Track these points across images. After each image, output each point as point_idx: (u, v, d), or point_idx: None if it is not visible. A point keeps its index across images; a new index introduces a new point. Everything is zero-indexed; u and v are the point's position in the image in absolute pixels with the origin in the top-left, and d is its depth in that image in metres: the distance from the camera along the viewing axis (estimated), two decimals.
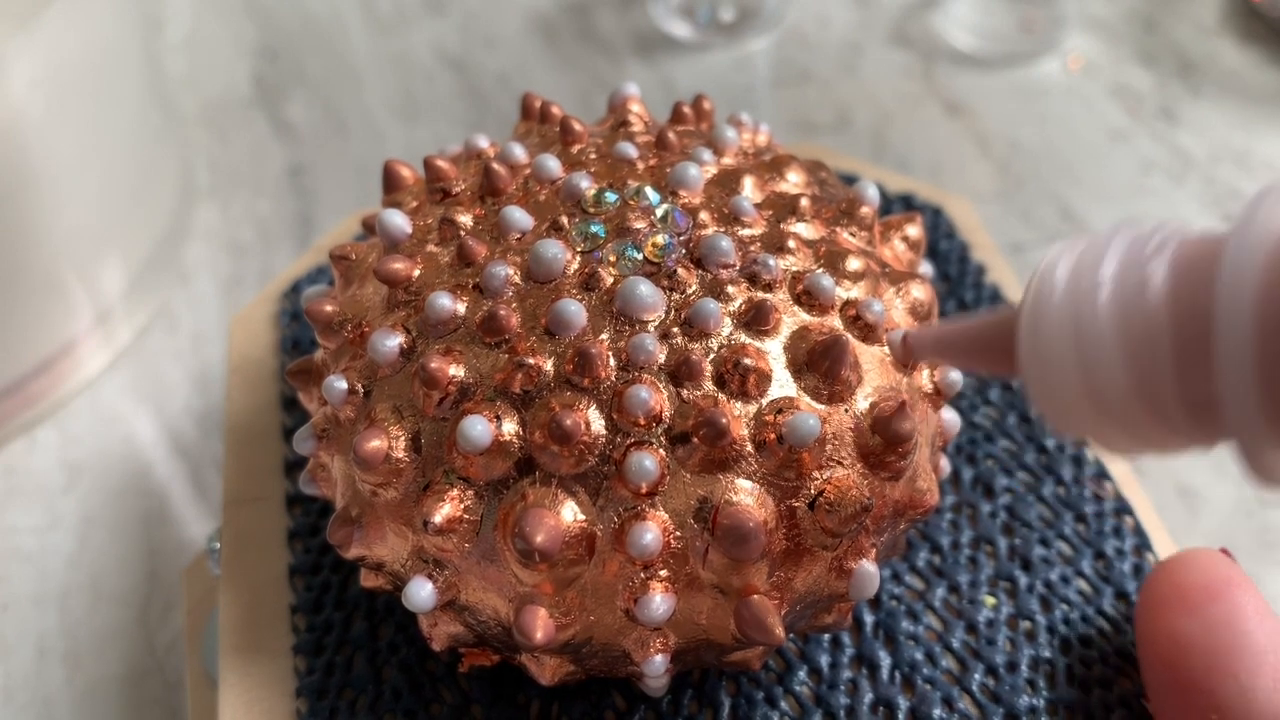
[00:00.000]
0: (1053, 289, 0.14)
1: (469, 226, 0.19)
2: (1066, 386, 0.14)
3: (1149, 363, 0.13)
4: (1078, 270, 0.14)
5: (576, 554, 0.16)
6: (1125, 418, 0.13)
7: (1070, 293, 0.14)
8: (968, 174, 0.37)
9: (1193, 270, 0.13)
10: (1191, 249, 0.13)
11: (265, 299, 0.27)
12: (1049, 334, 0.14)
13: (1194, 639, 0.18)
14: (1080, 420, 0.14)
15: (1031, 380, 0.14)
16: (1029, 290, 0.14)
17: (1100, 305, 0.13)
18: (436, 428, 0.17)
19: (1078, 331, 0.13)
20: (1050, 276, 0.14)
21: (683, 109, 0.22)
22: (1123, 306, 0.13)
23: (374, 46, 0.43)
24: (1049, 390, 0.14)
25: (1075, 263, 0.14)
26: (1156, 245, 0.13)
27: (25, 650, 0.27)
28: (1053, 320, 0.14)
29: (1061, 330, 0.14)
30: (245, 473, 0.23)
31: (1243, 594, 0.18)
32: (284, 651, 0.20)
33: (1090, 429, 0.14)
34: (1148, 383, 0.13)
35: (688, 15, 0.43)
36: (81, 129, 0.30)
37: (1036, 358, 0.14)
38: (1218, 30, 0.42)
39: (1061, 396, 0.14)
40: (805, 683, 0.20)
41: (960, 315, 0.17)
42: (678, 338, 0.17)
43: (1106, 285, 0.13)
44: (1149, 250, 0.13)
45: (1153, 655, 0.19)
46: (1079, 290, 0.14)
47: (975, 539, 0.22)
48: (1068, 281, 0.14)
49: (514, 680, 0.20)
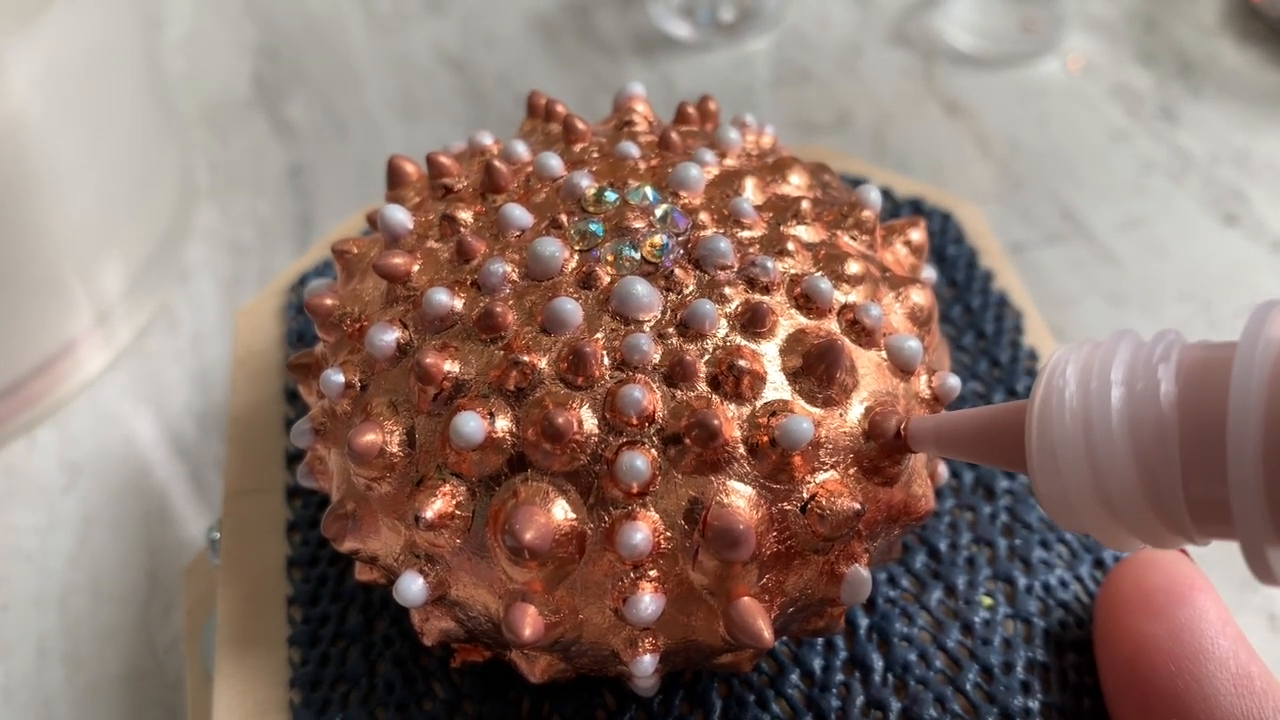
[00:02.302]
0: (1063, 390, 0.14)
1: (469, 223, 0.19)
2: (1077, 486, 0.14)
3: (1159, 466, 0.14)
4: (1086, 372, 0.14)
5: (566, 552, 0.16)
6: (1132, 517, 0.14)
7: (1080, 395, 0.14)
8: (968, 174, 0.37)
9: (1200, 379, 0.13)
10: (1196, 356, 0.14)
11: (271, 293, 0.27)
12: (1059, 434, 0.14)
13: (1158, 642, 0.18)
14: (1088, 518, 0.15)
15: (1040, 478, 0.15)
16: (1037, 389, 0.15)
17: (1113, 408, 0.14)
18: (430, 423, 0.17)
19: (1088, 433, 0.14)
20: (1058, 378, 0.15)
21: (687, 109, 0.22)
22: (1134, 411, 0.14)
23: (374, 46, 0.44)
24: (1058, 489, 0.15)
25: (1083, 365, 0.15)
26: (1162, 352, 0.14)
27: (25, 650, 0.27)
28: (1064, 421, 0.14)
29: (1073, 431, 0.14)
30: (247, 464, 0.23)
31: (1205, 598, 0.18)
32: (279, 642, 0.20)
33: (1096, 526, 0.15)
34: (1156, 485, 0.14)
35: (688, 15, 0.43)
36: (81, 129, 0.30)
37: (1046, 456, 0.15)
38: (1218, 30, 0.42)
39: (1071, 495, 0.14)
40: (798, 685, 0.19)
41: (962, 411, 0.17)
42: (673, 338, 0.17)
43: (1118, 388, 0.14)
44: (1155, 356, 0.14)
45: (1114, 656, 0.19)
46: (1089, 392, 0.14)
47: (974, 541, 0.21)
48: (1077, 383, 0.14)
49: (506, 677, 0.20)
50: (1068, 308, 0.33)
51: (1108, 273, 0.34)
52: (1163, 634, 0.18)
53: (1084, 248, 0.35)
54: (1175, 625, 0.18)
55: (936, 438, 0.17)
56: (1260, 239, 0.35)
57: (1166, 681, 0.18)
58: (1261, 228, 0.35)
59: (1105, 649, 0.19)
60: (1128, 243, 0.35)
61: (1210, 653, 0.18)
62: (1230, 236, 0.35)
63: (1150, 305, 0.33)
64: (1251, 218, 0.36)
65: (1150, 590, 0.19)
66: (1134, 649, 0.18)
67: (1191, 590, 0.19)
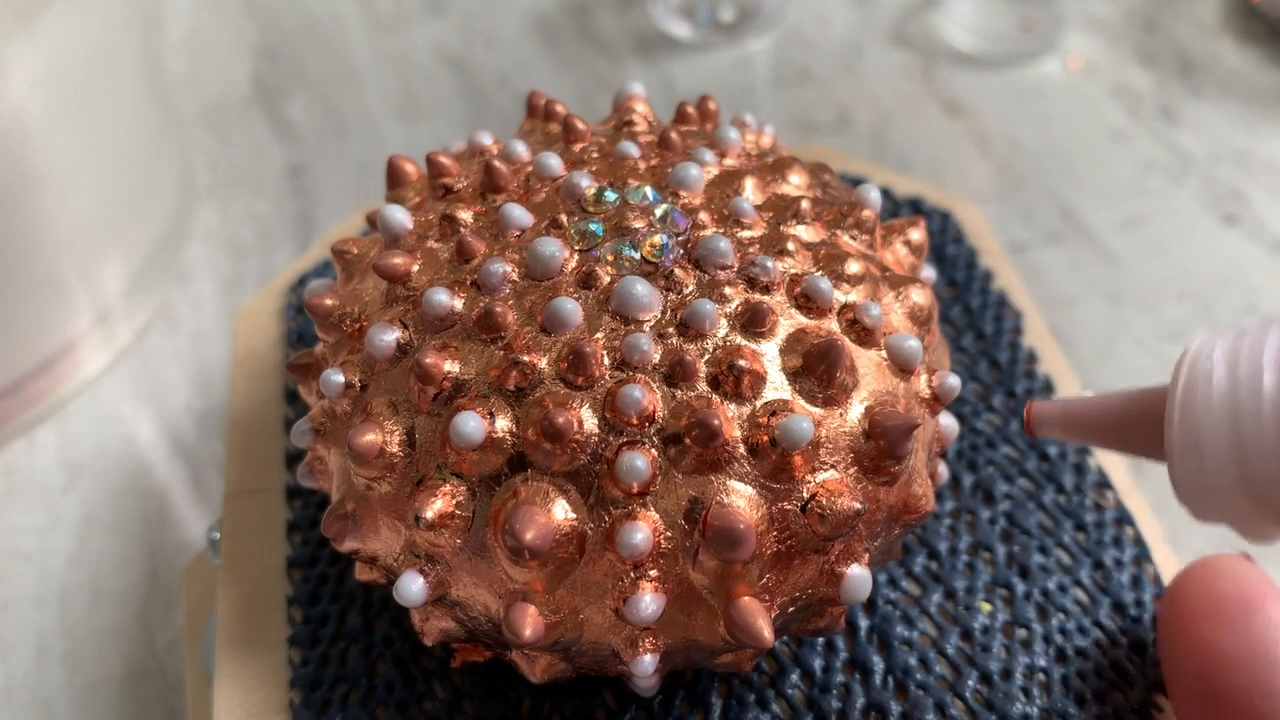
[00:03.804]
0: (1209, 374, 0.14)
1: (469, 223, 0.19)
2: (1221, 474, 0.14)
3: None
4: (1234, 356, 0.14)
5: (567, 552, 0.16)
6: (1278, 505, 0.14)
7: (1229, 380, 0.14)
8: (968, 174, 0.37)
9: None
10: None
11: (271, 293, 0.27)
12: (1205, 420, 0.14)
13: (1233, 652, 0.18)
14: (1230, 507, 0.14)
15: (1181, 465, 0.14)
16: (1179, 373, 0.14)
17: (1264, 395, 0.13)
18: (430, 423, 0.17)
19: (1236, 419, 0.14)
20: (1203, 363, 0.14)
21: (687, 109, 0.22)
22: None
23: (374, 46, 0.44)
24: (1200, 477, 0.14)
25: (1230, 349, 0.14)
26: None
27: (25, 650, 0.27)
28: (1210, 406, 0.14)
29: (1220, 417, 0.14)
30: (247, 465, 0.23)
31: (1278, 607, 0.18)
32: (279, 642, 0.20)
33: (1238, 517, 0.14)
34: None
35: (688, 15, 0.43)
36: (81, 129, 0.30)
37: (1189, 443, 0.14)
38: (1218, 30, 0.42)
39: (1214, 484, 0.14)
40: (798, 686, 0.19)
41: (1092, 395, 0.16)
42: (673, 338, 0.17)
43: (1271, 373, 0.14)
44: None
45: (1185, 664, 0.18)
46: (1238, 378, 0.14)
47: (973, 545, 0.21)
48: (1226, 368, 0.14)
49: (506, 677, 0.20)
50: (1067, 308, 0.33)
51: (1108, 273, 0.34)
52: (1237, 644, 0.17)
53: (1084, 248, 0.35)
54: (1250, 635, 0.17)
55: (1064, 422, 0.16)
56: (1260, 239, 0.35)
57: (1242, 693, 0.17)
58: (1261, 228, 0.35)
59: (1174, 659, 0.18)
60: (1128, 243, 0.35)
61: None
62: (1230, 236, 0.35)
63: (1150, 305, 0.33)
64: (1251, 218, 0.36)
65: (1222, 599, 0.18)
66: (1206, 659, 0.18)
67: (1265, 599, 0.18)
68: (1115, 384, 0.31)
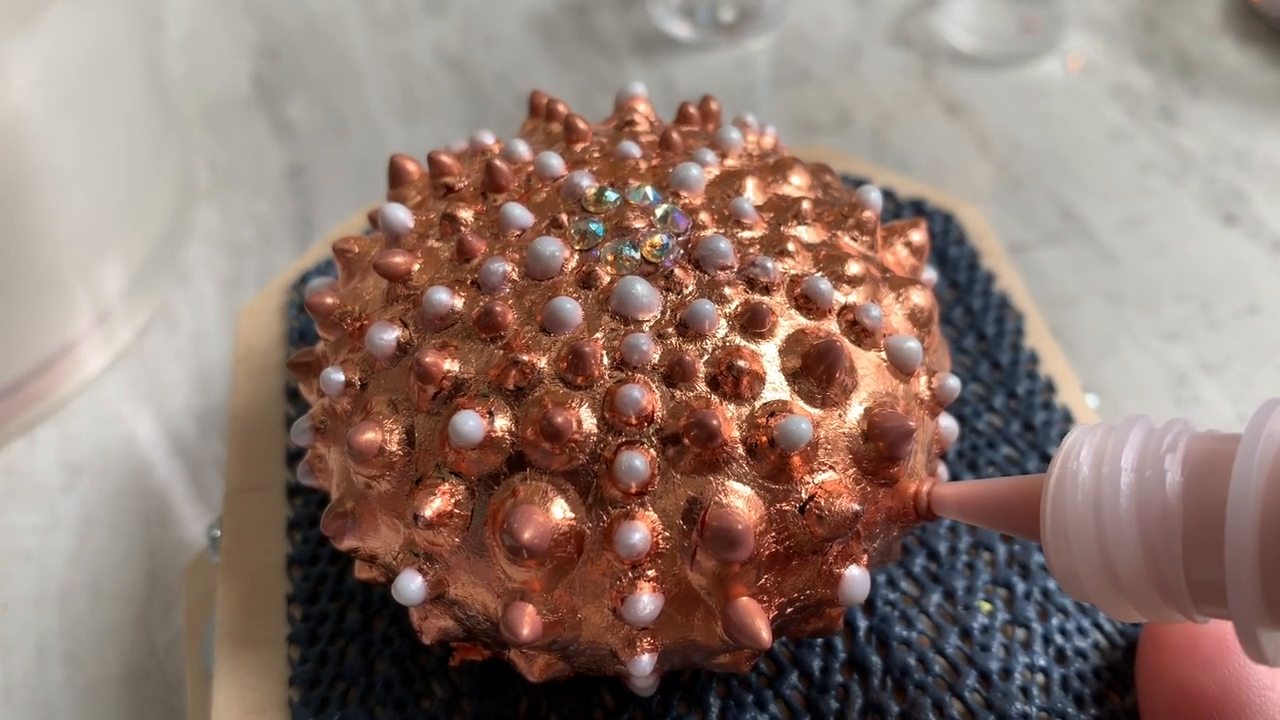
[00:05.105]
0: (1076, 473, 0.16)
1: (469, 222, 0.19)
2: (1087, 561, 0.15)
3: (1163, 549, 0.15)
4: (1099, 456, 0.16)
5: (565, 552, 0.16)
6: (1137, 594, 0.15)
7: (1093, 479, 0.15)
8: (968, 174, 0.37)
9: (1204, 470, 0.15)
10: (1202, 447, 0.15)
11: (272, 291, 0.27)
12: (1071, 514, 0.16)
13: (1205, 691, 0.18)
14: (1095, 591, 0.16)
15: (1053, 552, 0.16)
16: (1052, 469, 0.16)
17: (1121, 494, 0.15)
18: (430, 422, 0.17)
19: (1098, 515, 0.15)
20: (1073, 460, 0.16)
21: (688, 109, 0.22)
22: (1142, 496, 0.15)
23: (374, 46, 0.44)
24: (1069, 562, 0.16)
25: (1097, 449, 0.16)
26: (1170, 441, 0.15)
27: (25, 650, 0.27)
28: (1076, 502, 0.15)
29: (1084, 512, 0.15)
30: (247, 462, 0.23)
31: None
32: (279, 640, 0.20)
33: (1103, 600, 0.16)
34: (1159, 566, 0.15)
35: (688, 15, 0.43)
36: (81, 129, 0.30)
37: (1059, 532, 0.16)
38: (1218, 30, 0.42)
39: (1080, 569, 0.16)
40: (796, 686, 0.19)
41: (983, 480, 0.18)
42: (672, 338, 0.17)
43: (1127, 474, 0.15)
44: (1164, 446, 0.15)
45: (1158, 699, 0.18)
46: (1100, 477, 0.15)
47: (973, 545, 0.21)
48: (1090, 467, 0.16)
49: (505, 676, 0.20)
50: (1067, 308, 0.33)
51: (1108, 273, 0.34)
52: (1210, 684, 0.18)
53: (1084, 248, 0.35)
54: (1223, 676, 0.18)
55: (959, 506, 0.18)
56: (1260, 239, 0.35)
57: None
58: (1261, 228, 0.35)
59: (1149, 690, 0.19)
60: (1128, 243, 0.35)
61: (1258, 706, 0.18)
62: (1230, 236, 0.35)
63: (1150, 305, 0.33)
64: (1251, 218, 0.36)
65: (1199, 637, 0.18)
66: (1179, 695, 0.18)
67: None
68: (1116, 384, 0.31)
